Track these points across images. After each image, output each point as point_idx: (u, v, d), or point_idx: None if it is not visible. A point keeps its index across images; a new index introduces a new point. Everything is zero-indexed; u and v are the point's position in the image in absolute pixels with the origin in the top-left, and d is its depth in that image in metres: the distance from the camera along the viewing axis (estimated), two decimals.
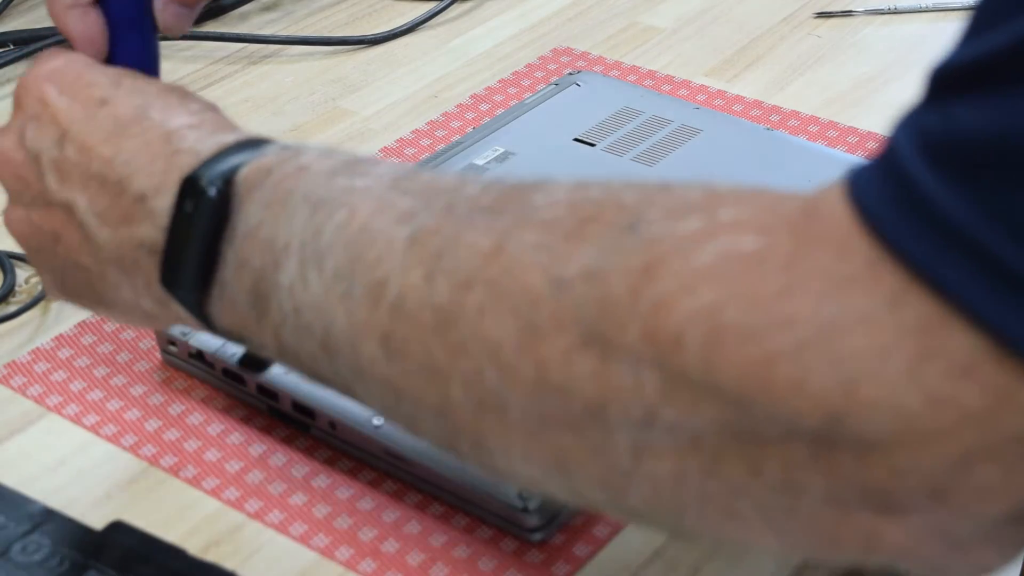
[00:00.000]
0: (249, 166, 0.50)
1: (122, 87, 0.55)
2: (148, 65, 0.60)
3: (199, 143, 0.52)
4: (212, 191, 0.49)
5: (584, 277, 0.41)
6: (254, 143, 0.52)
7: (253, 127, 0.85)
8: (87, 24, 0.58)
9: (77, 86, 0.55)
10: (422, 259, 0.44)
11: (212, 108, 0.55)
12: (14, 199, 0.56)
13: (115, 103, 0.54)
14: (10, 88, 0.90)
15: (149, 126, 0.53)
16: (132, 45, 0.59)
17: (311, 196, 0.48)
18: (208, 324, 0.51)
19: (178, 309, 0.51)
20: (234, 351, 0.64)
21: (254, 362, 0.63)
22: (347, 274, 0.46)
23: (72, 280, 0.55)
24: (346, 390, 0.49)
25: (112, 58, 0.59)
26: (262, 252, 0.48)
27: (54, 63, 0.56)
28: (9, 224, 0.57)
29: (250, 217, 0.49)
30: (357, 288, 0.46)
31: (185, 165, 0.51)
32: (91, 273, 0.54)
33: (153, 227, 0.51)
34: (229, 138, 0.52)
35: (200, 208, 0.50)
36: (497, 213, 0.44)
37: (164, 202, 0.51)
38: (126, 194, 0.52)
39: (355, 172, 0.49)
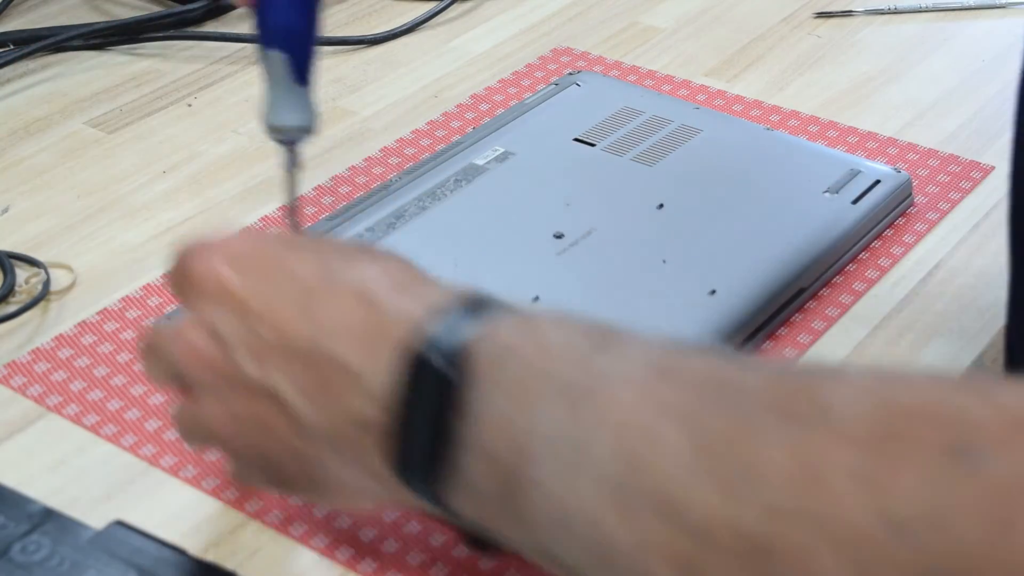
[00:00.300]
0: (482, 341, 0.46)
1: (299, 249, 0.51)
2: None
3: (405, 306, 0.48)
4: (444, 369, 0.45)
5: (924, 520, 0.37)
6: (471, 305, 0.48)
7: (253, 127, 0.86)
8: None
9: (249, 259, 0.51)
10: (716, 474, 0.40)
11: (393, 256, 0.51)
12: (206, 392, 0.52)
13: (297, 269, 0.50)
14: (10, 88, 0.90)
15: (341, 289, 0.49)
16: None
17: (564, 384, 0.44)
18: (445, 509, 0.48)
19: (407, 492, 0.48)
20: None
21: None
22: (624, 482, 0.42)
23: (286, 470, 0.51)
24: None
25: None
26: (510, 442, 0.44)
27: (215, 245, 0.52)
28: (207, 422, 0.52)
29: (492, 401, 0.45)
30: (640, 500, 0.41)
31: (398, 336, 0.47)
32: (305, 458, 0.50)
33: (370, 403, 0.47)
34: (435, 297, 0.48)
35: (429, 386, 0.46)
36: (789, 417, 0.40)
37: (379, 377, 0.47)
38: (332, 368, 0.48)
39: (606, 351, 0.45)
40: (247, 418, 0.51)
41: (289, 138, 0.61)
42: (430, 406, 0.46)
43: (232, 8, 0.98)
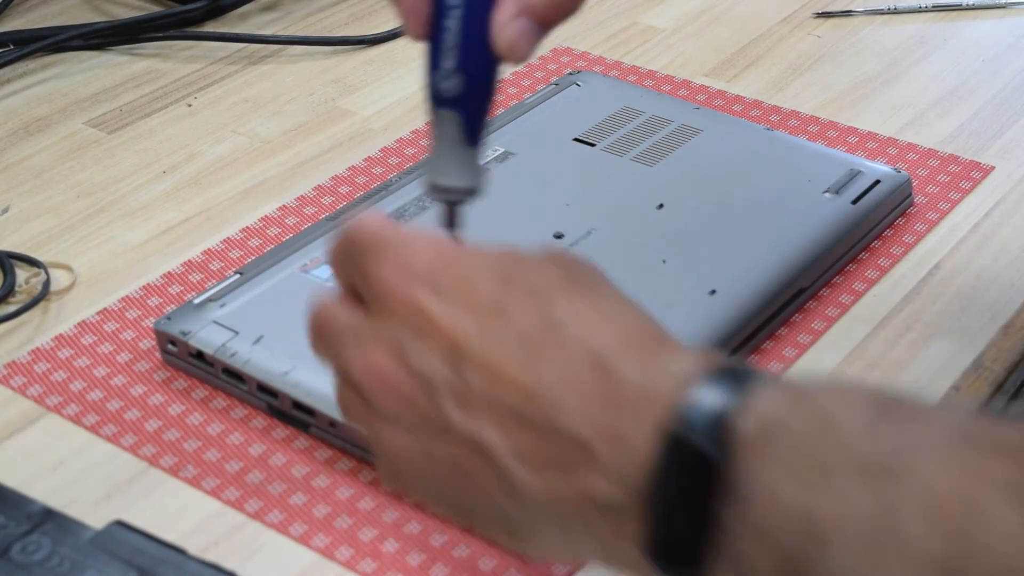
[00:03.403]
0: (744, 415, 0.41)
1: (512, 283, 0.46)
2: (484, 81, 0.53)
3: (649, 376, 0.43)
4: (707, 448, 0.41)
5: None
6: (724, 373, 0.43)
7: (253, 127, 0.86)
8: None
9: (458, 287, 0.46)
10: None
11: (627, 303, 0.47)
12: (394, 422, 0.47)
13: (513, 311, 0.45)
14: (10, 88, 0.90)
15: (569, 347, 0.44)
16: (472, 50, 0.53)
17: (855, 457, 0.39)
18: None
19: (656, 571, 0.43)
20: (234, 351, 0.64)
21: None
22: (949, 564, 0.37)
23: (479, 515, 0.47)
24: None
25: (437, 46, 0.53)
26: (794, 526, 0.40)
27: (413, 255, 0.47)
28: (388, 447, 0.48)
29: (766, 481, 0.40)
30: None
31: (646, 412, 0.42)
32: (510, 515, 0.46)
33: (610, 484, 0.43)
34: (682, 365, 0.43)
35: (689, 467, 0.41)
36: None
37: (623, 456, 0.42)
38: (559, 438, 0.43)
39: (894, 419, 0.40)
40: (443, 461, 0.46)
41: (454, 199, 0.56)
42: (691, 489, 0.41)
43: (232, 8, 0.98)
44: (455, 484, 0.46)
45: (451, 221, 0.57)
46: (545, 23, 0.52)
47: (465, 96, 0.53)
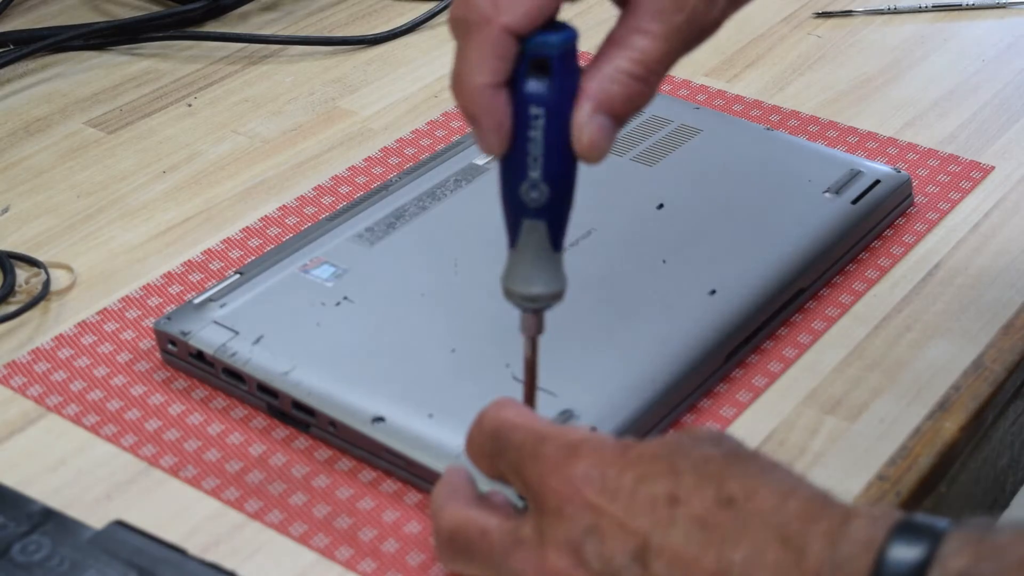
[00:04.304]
0: (942, 570, 0.42)
1: (679, 470, 0.47)
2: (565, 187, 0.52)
3: (838, 544, 0.43)
4: None
5: None
6: (910, 528, 0.43)
7: (253, 127, 0.86)
8: (501, 109, 0.50)
9: (626, 483, 0.47)
10: None
11: (793, 474, 0.47)
12: None
13: (687, 499, 0.46)
14: (10, 88, 0.90)
15: (751, 527, 0.45)
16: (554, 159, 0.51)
17: None
18: None
19: None
20: (234, 351, 0.64)
21: None
22: None
23: None
24: None
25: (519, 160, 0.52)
26: None
27: (573, 454, 0.48)
28: None
29: None
30: None
31: None
32: None
33: None
34: (870, 531, 0.43)
35: None
36: None
37: None
38: None
39: None
40: None
41: (543, 306, 0.55)
42: None
43: (232, 8, 0.98)
44: None
45: (537, 327, 0.56)
46: (622, 119, 0.51)
47: (551, 204, 0.52)
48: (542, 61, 0.51)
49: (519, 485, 0.50)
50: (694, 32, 0.52)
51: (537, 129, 0.51)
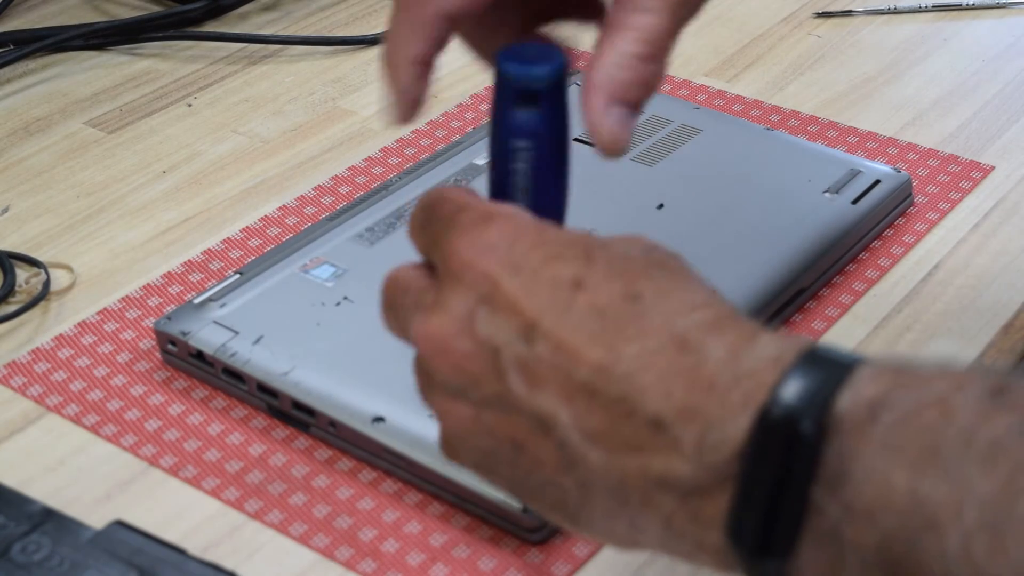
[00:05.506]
0: (851, 397, 0.39)
1: (594, 260, 0.44)
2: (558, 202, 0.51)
3: (740, 356, 0.41)
4: (808, 431, 0.39)
5: None
6: (821, 356, 0.41)
7: (253, 127, 0.86)
8: (418, 86, 0.50)
9: (536, 263, 0.44)
10: None
11: (712, 290, 0.45)
12: (453, 392, 0.46)
13: (592, 287, 0.43)
14: (10, 88, 0.90)
15: (652, 326, 0.42)
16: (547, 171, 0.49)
17: (971, 443, 0.38)
18: None
19: (739, 562, 0.41)
20: (234, 351, 0.64)
21: None
22: None
23: (537, 494, 0.45)
24: None
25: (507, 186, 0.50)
26: (900, 509, 0.38)
27: (493, 229, 0.46)
28: (447, 419, 0.46)
29: (871, 464, 0.38)
30: None
31: (740, 393, 0.40)
32: (567, 494, 0.44)
33: (685, 463, 0.41)
34: (778, 350, 0.41)
35: (786, 453, 0.39)
36: None
37: (702, 434, 0.41)
38: (632, 417, 0.42)
39: (1011, 404, 0.38)
40: (499, 435, 0.45)
41: None
42: (787, 471, 0.39)
43: (232, 8, 0.98)
44: (513, 460, 0.45)
45: None
46: (637, 105, 0.50)
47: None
48: (530, 94, 0.49)
49: (437, 256, 0.47)
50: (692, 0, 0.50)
51: (524, 161, 0.50)
